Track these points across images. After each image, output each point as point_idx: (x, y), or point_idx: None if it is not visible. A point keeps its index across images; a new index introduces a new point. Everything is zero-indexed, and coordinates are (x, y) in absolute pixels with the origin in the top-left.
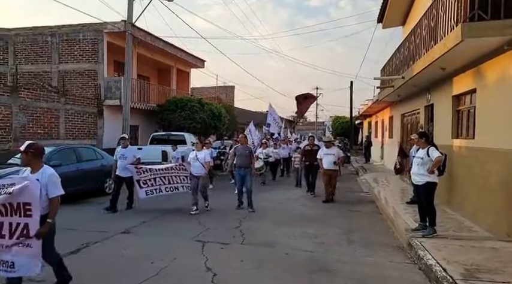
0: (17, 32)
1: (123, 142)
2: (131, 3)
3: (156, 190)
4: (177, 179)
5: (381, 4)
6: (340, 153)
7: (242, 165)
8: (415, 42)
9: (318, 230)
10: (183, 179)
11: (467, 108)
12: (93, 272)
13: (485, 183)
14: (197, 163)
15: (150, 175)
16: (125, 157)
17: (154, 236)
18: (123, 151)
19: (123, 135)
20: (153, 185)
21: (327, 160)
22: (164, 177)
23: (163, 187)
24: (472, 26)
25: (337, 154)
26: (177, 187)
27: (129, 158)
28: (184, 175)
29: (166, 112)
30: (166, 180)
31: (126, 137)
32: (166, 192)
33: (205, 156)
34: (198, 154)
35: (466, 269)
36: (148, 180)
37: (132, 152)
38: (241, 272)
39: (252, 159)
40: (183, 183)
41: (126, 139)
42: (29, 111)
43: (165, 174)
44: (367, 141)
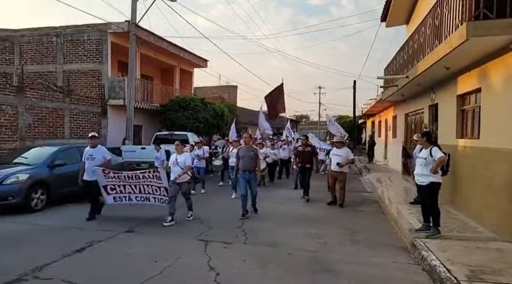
0: (23, 32)
1: (91, 142)
2: (135, 3)
3: (125, 197)
4: (149, 189)
5: (385, 3)
6: (350, 155)
7: (246, 168)
8: (419, 41)
9: (321, 231)
10: (156, 190)
11: (472, 108)
12: (97, 270)
13: (490, 183)
14: (177, 167)
15: (118, 182)
16: (93, 158)
17: (158, 236)
18: (92, 151)
19: (92, 133)
20: (122, 192)
21: (334, 161)
22: (135, 186)
23: (133, 195)
24: (477, 24)
25: (346, 155)
26: (149, 198)
27: (98, 159)
28: (158, 186)
29: (170, 112)
30: (137, 189)
31: (95, 135)
32: (136, 201)
33: (186, 159)
34: (178, 158)
35: (471, 270)
36: (117, 186)
37: (102, 153)
38: (244, 271)
39: (257, 162)
40: (156, 194)
41: (95, 138)
42: (35, 111)
43: (135, 182)
44: (371, 141)
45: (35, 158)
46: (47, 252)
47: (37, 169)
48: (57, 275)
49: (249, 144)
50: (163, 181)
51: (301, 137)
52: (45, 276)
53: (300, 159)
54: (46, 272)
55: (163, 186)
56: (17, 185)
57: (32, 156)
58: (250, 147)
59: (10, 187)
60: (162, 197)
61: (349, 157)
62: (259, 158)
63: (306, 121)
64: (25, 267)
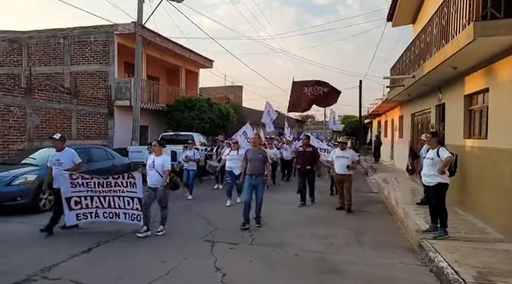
0: (31, 34)
1: (56, 144)
2: (141, 5)
3: (91, 214)
4: (120, 202)
5: (391, 2)
6: (355, 156)
7: (255, 172)
8: (425, 40)
9: (327, 231)
10: (128, 202)
11: (480, 108)
12: (104, 271)
13: (498, 184)
14: (153, 171)
15: (86, 191)
16: (60, 163)
17: (164, 236)
18: (58, 155)
19: (55, 135)
20: (88, 206)
21: (339, 164)
22: (104, 198)
23: (100, 211)
24: (484, 24)
25: (352, 157)
26: (119, 214)
27: (66, 164)
28: (130, 197)
29: (176, 113)
30: (106, 202)
31: (56, 137)
32: (104, 218)
33: (164, 162)
34: (156, 160)
35: (479, 272)
36: (84, 198)
37: (70, 156)
38: (250, 272)
39: (266, 165)
40: (127, 208)
41: (59, 140)
42: (42, 112)
43: (106, 192)
44: (377, 141)
45: (43, 159)
46: (54, 252)
47: (45, 170)
48: (65, 276)
49: (257, 145)
50: (137, 190)
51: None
52: (53, 276)
53: (301, 160)
54: (54, 272)
55: (137, 196)
56: (25, 186)
57: (40, 156)
58: (259, 148)
59: (18, 188)
60: (134, 212)
61: (354, 158)
62: (268, 161)
63: (312, 121)
64: (34, 267)
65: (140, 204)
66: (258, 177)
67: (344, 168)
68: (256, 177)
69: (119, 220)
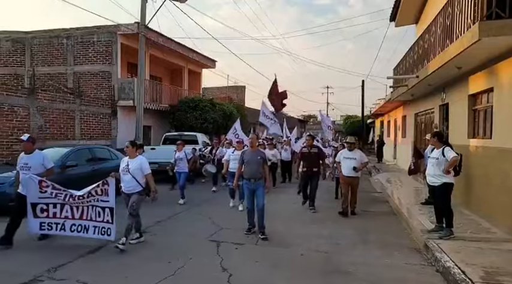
0: (34, 34)
1: (24, 146)
2: (144, 5)
3: (57, 225)
4: (92, 212)
5: (394, 3)
6: (364, 158)
7: (252, 176)
8: (429, 40)
9: (333, 231)
10: (99, 214)
11: (484, 108)
12: (111, 272)
13: (503, 184)
14: (128, 176)
15: (56, 198)
16: (28, 167)
17: (170, 236)
18: (26, 158)
19: (22, 136)
20: (55, 216)
21: (347, 165)
22: (77, 208)
23: (68, 223)
24: (489, 24)
25: (360, 158)
26: (88, 227)
27: (36, 168)
28: (102, 206)
29: (179, 113)
30: (77, 213)
31: (24, 139)
32: (71, 231)
33: (141, 165)
34: (130, 163)
35: (486, 272)
36: (52, 206)
37: (40, 160)
38: (256, 272)
39: (265, 167)
40: (97, 220)
41: (27, 141)
42: (46, 112)
43: (78, 202)
44: (380, 141)
45: None
46: (60, 253)
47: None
48: (71, 276)
49: (255, 147)
50: (109, 198)
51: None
52: (60, 277)
53: (306, 162)
54: (61, 273)
55: (109, 206)
56: None
57: None
58: (257, 150)
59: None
60: (105, 225)
61: (363, 160)
62: (267, 163)
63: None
64: (40, 268)
65: (111, 214)
66: (257, 181)
67: (352, 170)
68: (255, 181)
69: (87, 235)
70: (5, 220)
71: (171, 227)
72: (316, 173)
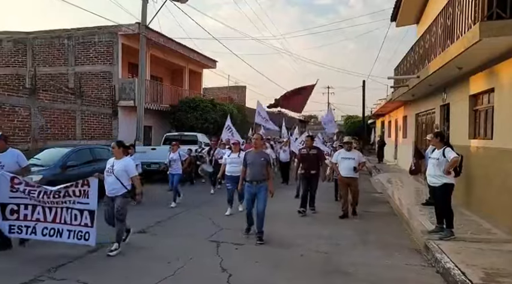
0: (35, 35)
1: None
2: (145, 5)
3: (28, 228)
4: (67, 215)
5: (395, 3)
6: (362, 158)
7: (254, 178)
8: (430, 41)
9: (333, 232)
10: (75, 217)
11: (485, 108)
12: (111, 272)
13: (504, 185)
14: (112, 178)
15: (28, 200)
16: (1, 166)
17: (170, 236)
18: (1, 156)
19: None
20: (26, 218)
21: (345, 166)
22: (50, 209)
23: (40, 226)
24: (490, 24)
25: (358, 159)
26: (62, 231)
27: (10, 166)
28: (80, 209)
29: (179, 113)
30: (50, 214)
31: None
32: (42, 235)
33: (127, 166)
34: (116, 164)
35: (486, 273)
36: (24, 207)
37: (14, 157)
38: (256, 273)
39: (269, 170)
40: (73, 224)
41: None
42: (47, 113)
43: (53, 203)
44: (381, 141)
45: (48, 159)
46: (61, 253)
47: (50, 170)
48: (71, 276)
49: (259, 147)
50: (89, 200)
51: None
52: (60, 277)
53: (305, 164)
54: (61, 273)
55: (89, 209)
56: None
57: (45, 157)
58: (261, 151)
59: None
60: (82, 229)
61: (361, 160)
62: (271, 165)
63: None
64: (40, 268)
65: (91, 217)
66: (260, 184)
67: (350, 171)
68: (257, 184)
69: (61, 239)
70: None
71: (171, 228)
72: (314, 175)
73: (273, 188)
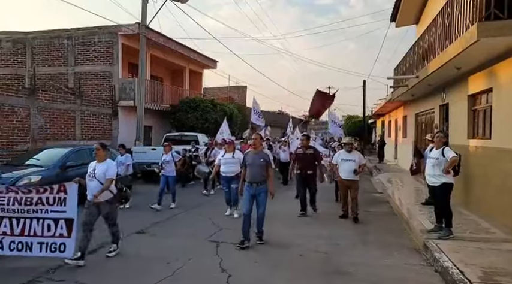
0: (35, 35)
1: None
2: (145, 5)
3: None
4: (37, 227)
5: (394, 3)
6: (362, 159)
7: (255, 180)
8: (429, 41)
9: (332, 232)
10: (48, 227)
11: (484, 108)
12: (110, 272)
13: (503, 184)
14: (94, 182)
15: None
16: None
17: (169, 237)
18: None
19: None
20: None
21: (345, 168)
22: (18, 220)
23: (7, 240)
24: (488, 25)
25: (359, 160)
26: (31, 244)
27: None
28: (55, 218)
29: (180, 113)
30: (18, 227)
31: None
32: (10, 250)
33: (108, 169)
34: (97, 168)
35: (484, 272)
36: None
37: None
38: (256, 273)
39: (270, 171)
40: (46, 236)
41: None
42: (46, 113)
43: (23, 212)
44: (381, 141)
45: (47, 159)
46: None
47: (49, 170)
48: (70, 277)
49: (258, 147)
50: (67, 208)
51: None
52: (58, 278)
53: (301, 164)
54: (59, 274)
55: (65, 217)
56: None
57: (44, 157)
58: (260, 151)
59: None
60: (56, 240)
61: (361, 162)
62: (271, 166)
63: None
64: (39, 269)
65: (69, 227)
66: (259, 186)
67: (350, 173)
68: (257, 186)
69: (31, 253)
70: None
71: (171, 228)
72: (311, 175)
73: (274, 189)
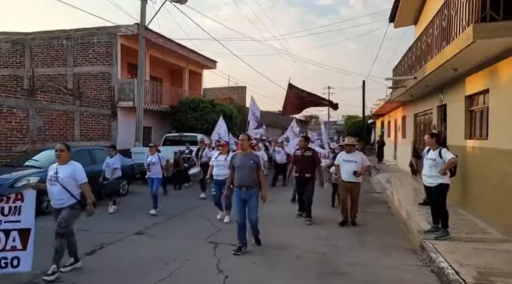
0: (34, 36)
1: None
2: (144, 6)
3: None
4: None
5: (393, 4)
6: (366, 161)
7: (244, 183)
8: (427, 42)
9: (330, 232)
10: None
11: (481, 109)
12: (108, 273)
13: (499, 184)
14: (56, 187)
15: None
16: None
17: (167, 238)
18: None
19: None
20: None
21: (346, 169)
22: None
23: None
24: (483, 26)
25: (361, 162)
26: None
27: None
28: (7, 230)
29: (179, 114)
30: None
31: None
32: None
33: (77, 173)
34: (60, 170)
35: (479, 272)
36: None
37: None
38: (253, 274)
39: (260, 174)
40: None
41: None
42: (45, 114)
43: None
44: (380, 141)
45: (45, 161)
46: None
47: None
48: (67, 278)
49: (247, 149)
50: (21, 217)
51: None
52: (57, 280)
53: (299, 167)
54: (57, 275)
55: (19, 228)
56: None
57: (43, 158)
58: (250, 153)
59: (21, 190)
60: (8, 254)
61: (365, 163)
62: (261, 169)
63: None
64: (35, 270)
65: (23, 238)
66: (249, 190)
67: (351, 174)
68: (246, 190)
69: None
70: None
71: (169, 229)
72: (309, 179)
73: (266, 193)
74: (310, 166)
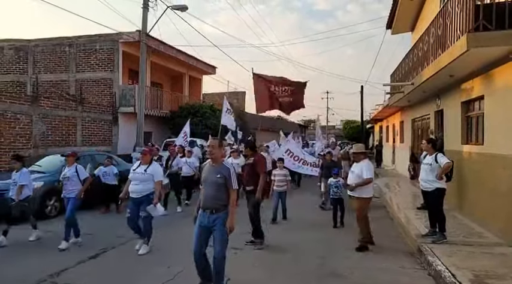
0: (36, 42)
1: None
2: (145, 13)
3: None
4: None
5: (390, 11)
6: (363, 172)
7: (206, 205)
8: (423, 49)
9: (329, 236)
10: None
11: (476, 114)
12: (111, 276)
13: (495, 189)
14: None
15: None
16: None
17: (170, 241)
18: None
19: None
20: None
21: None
22: None
23: None
24: (477, 36)
25: (359, 173)
26: None
27: None
28: None
29: (179, 119)
30: None
31: None
32: None
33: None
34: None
35: (475, 275)
36: None
37: None
38: (254, 277)
39: (231, 193)
40: None
41: None
42: (48, 119)
43: None
44: (379, 146)
45: (49, 166)
46: (62, 258)
47: (51, 176)
48: (73, 281)
49: (216, 159)
50: None
51: None
52: (62, 281)
53: (244, 178)
54: (63, 278)
55: None
56: None
57: (46, 163)
58: (220, 164)
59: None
60: None
61: (363, 176)
62: (233, 186)
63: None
64: (42, 273)
65: None
66: (214, 214)
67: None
68: (211, 213)
69: None
70: None
71: (171, 232)
72: (251, 192)
73: (233, 221)
74: (252, 176)
